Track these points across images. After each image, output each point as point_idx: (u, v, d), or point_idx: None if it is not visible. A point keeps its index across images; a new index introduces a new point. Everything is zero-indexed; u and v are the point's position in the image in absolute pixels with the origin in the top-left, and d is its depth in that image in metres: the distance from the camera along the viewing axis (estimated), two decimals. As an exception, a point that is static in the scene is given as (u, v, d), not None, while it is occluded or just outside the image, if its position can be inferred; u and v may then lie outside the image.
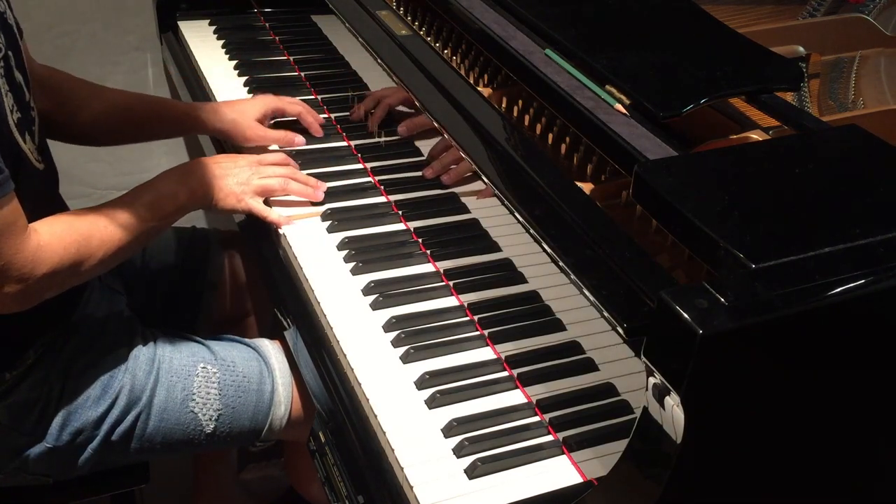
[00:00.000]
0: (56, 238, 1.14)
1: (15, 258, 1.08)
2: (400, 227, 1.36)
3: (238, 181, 1.34)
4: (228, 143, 1.55)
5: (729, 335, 0.75)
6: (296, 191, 1.38)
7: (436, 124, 1.27)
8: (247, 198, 1.34)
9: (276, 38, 1.88)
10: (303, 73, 1.75)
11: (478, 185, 1.42)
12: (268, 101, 1.53)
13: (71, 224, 1.17)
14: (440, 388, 1.08)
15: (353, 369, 1.11)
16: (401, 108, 1.58)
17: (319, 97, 1.67)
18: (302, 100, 1.65)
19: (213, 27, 1.90)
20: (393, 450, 1.01)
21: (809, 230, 0.85)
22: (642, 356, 0.80)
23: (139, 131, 1.54)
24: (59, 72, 1.46)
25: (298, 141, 1.51)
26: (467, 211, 1.39)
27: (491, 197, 1.38)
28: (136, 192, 1.28)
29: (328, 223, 1.34)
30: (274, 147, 1.51)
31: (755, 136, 1.08)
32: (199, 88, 1.73)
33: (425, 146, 1.52)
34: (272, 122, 1.56)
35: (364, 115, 1.60)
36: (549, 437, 1.04)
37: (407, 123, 1.53)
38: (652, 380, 0.80)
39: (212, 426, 1.34)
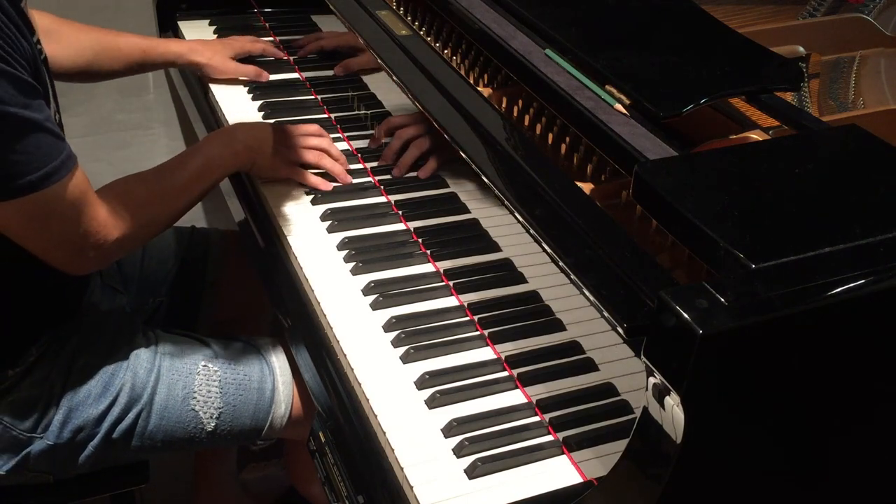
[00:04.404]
0: (122, 205, 1.21)
1: (91, 225, 1.16)
2: (400, 227, 1.36)
3: (277, 149, 1.40)
4: (197, 74, 1.73)
5: (729, 335, 0.75)
6: (328, 167, 1.43)
7: (436, 124, 1.27)
8: (286, 165, 1.40)
9: (276, 38, 1.88)
10: (303, 74, 1.75)
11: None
12: (235, 44, 1.71)
13: (133, 191, 1.25)
14: (440, 388, 1.08)
15: (353, 369, 1.11)
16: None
17: (319, 97, 1.67)
18: (302, 100, 1.66)
19: (213, 27, 1.90)
20: (393, 450, 1.01)
21: (809, 230, 0.85)
22: (642, 356, 0.80)
23: (115, 72, 1.63)
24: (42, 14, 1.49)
25: (265, 76, 1.70)
26: (467, 211, 1.39)
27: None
28: (185, 157, 1.35)
29: (328, 223, 1.34)
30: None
31: (755, 136, 1.08)
32: (199, 88, 1.73)
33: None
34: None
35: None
36: (549, 437, 1.04)
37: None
38: (652, 380, 0.80)
39: (213, 424, 1.34)
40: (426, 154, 1.47)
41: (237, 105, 1.63)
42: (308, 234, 1.33)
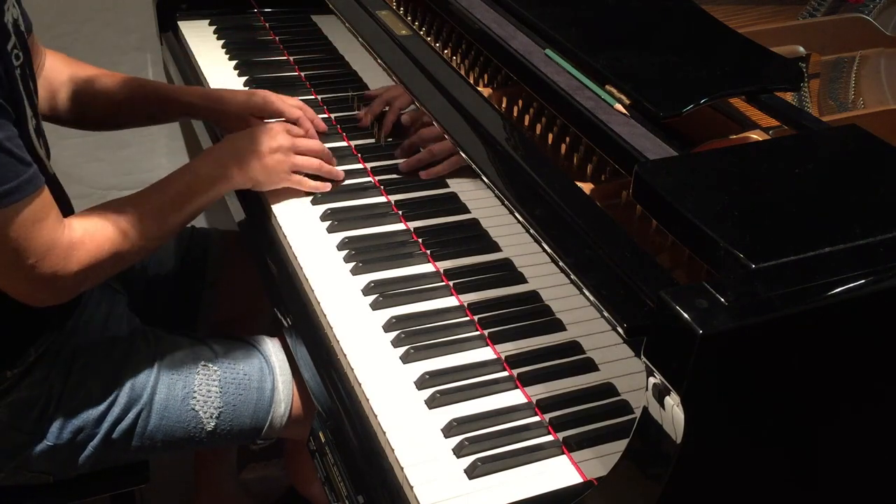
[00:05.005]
0: (89, 235, 1.15)
1: (48, 254, 1.09)
2: (400, 227, 1.36)
3: (276, 160, 1.35)
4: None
5: (729, 335, 0.75)
6: (327, 172, 1.41)
7: (436, 124, 1.27)
8: (287, 176, 1.36)
9: (276, 38, 1.88)
10: (303, 73, 1.75)
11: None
12: (268, 102, 1.48)
13: (106, 220, 1.17)
14: (440, 388, 1.08)
15: (353, 369, 1.11)
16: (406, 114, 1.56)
17: (319, 97, 1.67)
18: (302, 100, 1.65)
19: (213, 27, 1.90)
20: (393, 450, 1.01)
21: (809, 230, 0.86)
22: (642, 356, 0.80)
23: (138, 119, 1.57)
24: (68, 65, 1.47)
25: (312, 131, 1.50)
26: (467, 211, 1.39)
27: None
28: (172, 179, 1.29)
29: (328, 223, 1.34)
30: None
31: (755, 136, 1.08)
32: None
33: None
34: None
35: (371, 123, 1.56)
36: (549, 437, 1.04)
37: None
38: (652, 380, 0.80)
39: (213, 424, 1.34)
40: (438, 160, 1.46)
41: (237, 105, 1.63)
42: (308, 234, 1.33)
